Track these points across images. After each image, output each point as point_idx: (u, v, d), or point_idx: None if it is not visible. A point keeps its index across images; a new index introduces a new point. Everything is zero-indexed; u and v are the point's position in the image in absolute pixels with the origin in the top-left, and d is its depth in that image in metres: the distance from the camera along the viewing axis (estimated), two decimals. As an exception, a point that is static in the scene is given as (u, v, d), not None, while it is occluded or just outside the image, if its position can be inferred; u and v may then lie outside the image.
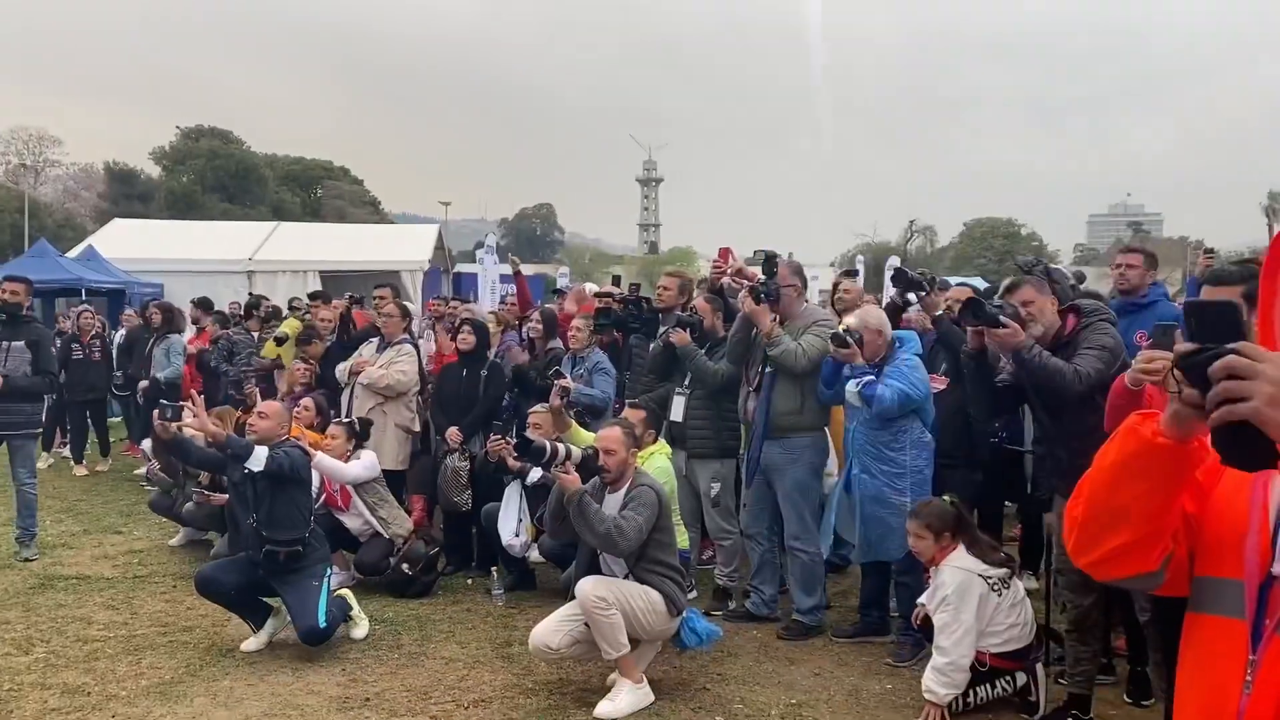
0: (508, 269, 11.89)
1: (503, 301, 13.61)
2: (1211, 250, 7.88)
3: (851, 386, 5.40)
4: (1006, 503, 7.20)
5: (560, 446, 4.79)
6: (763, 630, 5.90)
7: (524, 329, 8.37)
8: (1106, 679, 5.00)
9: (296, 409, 6.95)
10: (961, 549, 4.75)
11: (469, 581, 6.91)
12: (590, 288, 9.36)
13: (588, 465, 4.75)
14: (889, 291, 18.75)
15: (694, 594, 6.47)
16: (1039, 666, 4.72)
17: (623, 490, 4.86)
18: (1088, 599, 4.50)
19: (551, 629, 4.80)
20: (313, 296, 10.03)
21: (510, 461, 6.21)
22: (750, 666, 5.35)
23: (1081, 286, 6.76)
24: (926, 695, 4.57)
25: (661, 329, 6.75)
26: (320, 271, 20.07)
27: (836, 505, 5.66)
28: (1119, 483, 1.54)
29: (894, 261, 28.60)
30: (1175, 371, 1.41)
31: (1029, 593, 5.02)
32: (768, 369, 5.82)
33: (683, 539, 6.11)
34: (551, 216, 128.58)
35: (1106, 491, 1.57)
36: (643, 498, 4.75)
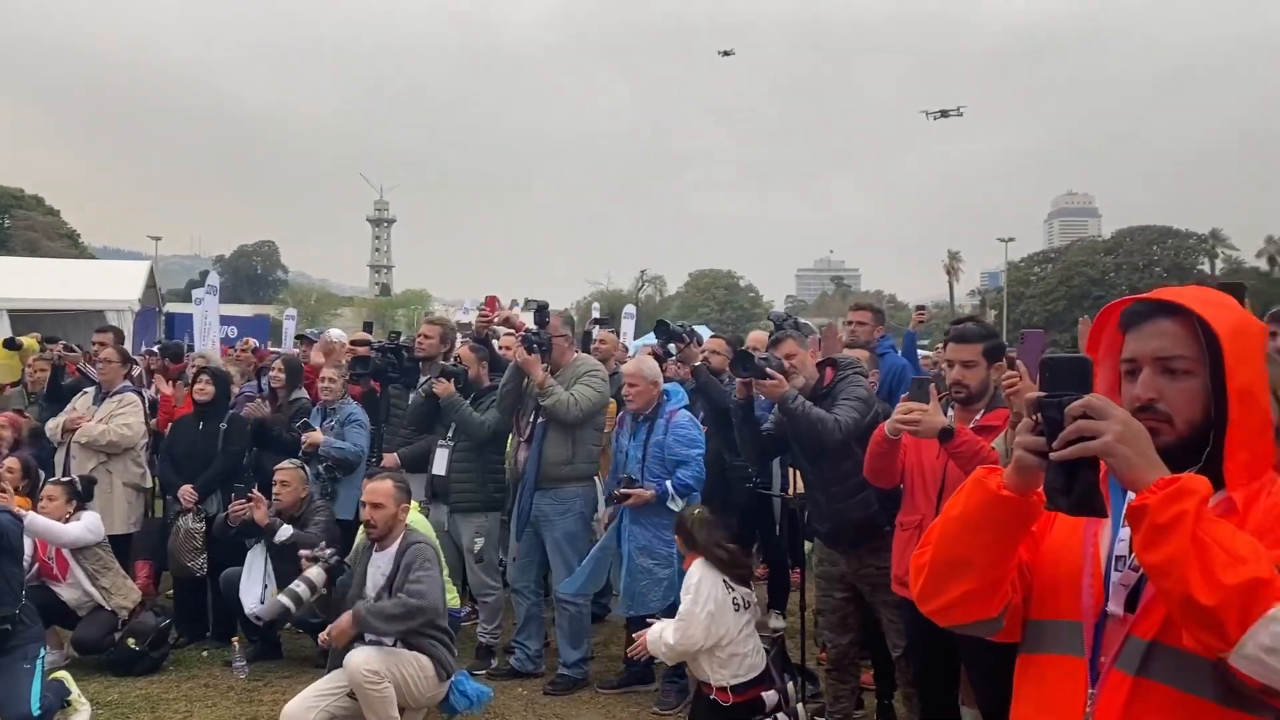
0: (234, 311, 11.09)
1: (232, 347, 12.73)
2: (923, 306, 8.62)
3: (672, 505, 5.36)
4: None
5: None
6: (528, 687, 5.77)
7: (263, 378, 7.83)
8: (857, 712, 5.26)
9: (-2, 471, 6.11)
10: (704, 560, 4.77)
11: (205, 654, 6.32)
12: (336, 334, 8.90)
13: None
14: (628, 339, 19.28)
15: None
16: (800, 707, 4.87)
17: (392, 549, 4.62)
18: (846, 638, 4.72)
19: (306, 705, 4.44)
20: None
21: (259, 516, 5.74)
22: (520, 726, 5.21)
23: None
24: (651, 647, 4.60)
25: (423, 379, 6.53)
26: (9, 310, 17.94)
27: (599, 554, 5.64)
28: (965, 533, 1.65)
29: (630, 310, 29.49)
30: (1034, 415, 1.52)
31: (776, 633, 5.11)
32: (539, 419, 5.76)
33: (453, 597, 5.90)
34: (274, 255, 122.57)
35: (953, 541, 1.67)
36: (423, 555, 4.55)
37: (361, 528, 4.81)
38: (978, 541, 1.63)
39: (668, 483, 5.39)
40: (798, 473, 5.29)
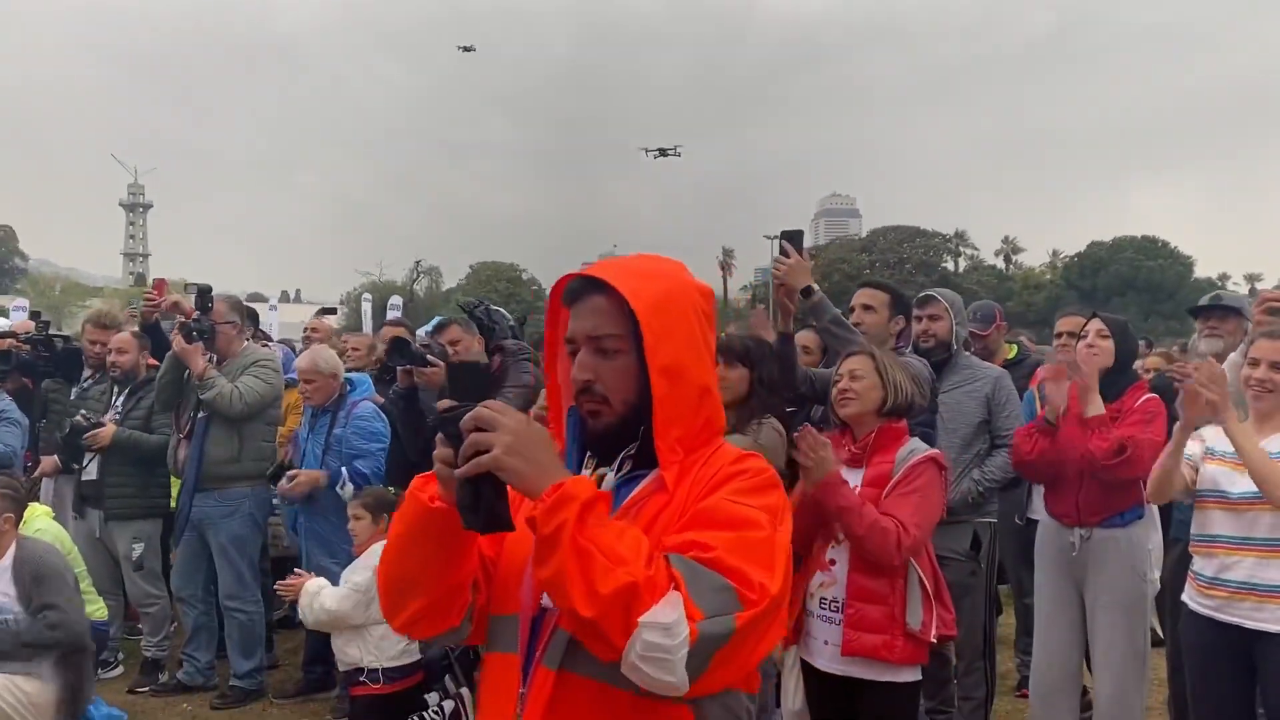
0: None
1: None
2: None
3: (341, 491, 5.04)
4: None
5: None
6: (195, 702, 5.35)
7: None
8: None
9: None
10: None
11: None
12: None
13: None
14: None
15: (120, 670, 5.76)
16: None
17: (4, 562, 4.12)
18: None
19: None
20: None
21: None
22: (172, 747, 4.81)
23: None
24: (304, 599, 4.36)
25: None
26: None
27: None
28: (406, 549, 1.57)
29: (395, 300, 28.71)
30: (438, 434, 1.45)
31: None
32: (200, 414, 5.34)
33: (99, 609, 5.38)
34: (11, 239, 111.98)
35: (397, 557, 1.58)
36: (51, 567, 4.08)
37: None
38: (418, 556, 1.55)
39: (344, 469, 5.10)
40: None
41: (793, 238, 4.02)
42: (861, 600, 3.07)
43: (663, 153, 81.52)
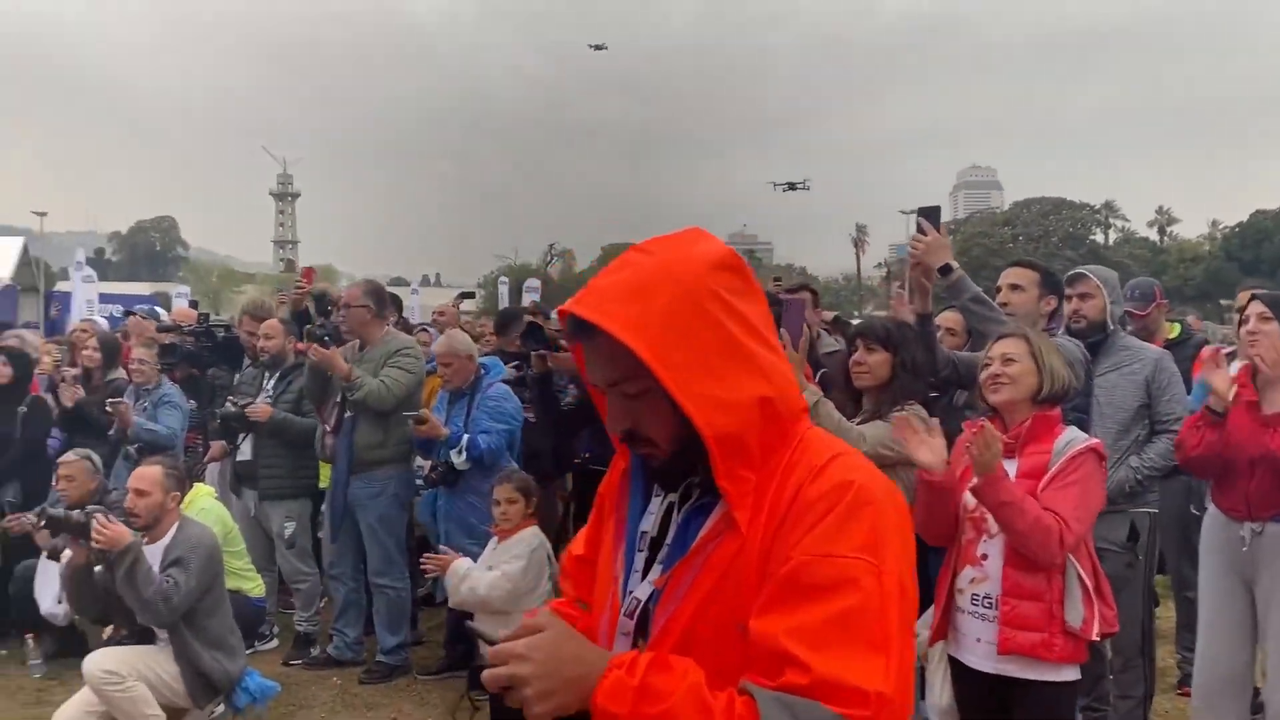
0: (112, 288, 10.47)
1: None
2: (779, 278, 8.59)
3: (456, 458, 5.17)
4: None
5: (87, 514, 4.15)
6: (344, 675, 5.55)
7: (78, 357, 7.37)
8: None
9: None
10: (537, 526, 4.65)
11: (3, 653, 5.95)
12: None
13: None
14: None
15: (274, 643, 6.02)
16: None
17: (162, 542, 4.33)
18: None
19: (80, 710, 4.15)
20: None
21: (41, 539, 5.16)
22: (323, 719, 4.99)
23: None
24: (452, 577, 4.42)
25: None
26: None
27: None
28: None
29: (533, 283, 29.10)
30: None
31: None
32: (347, 414, 5.49)
33: (257, 586, 5.64)
34: (174, 230, 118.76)
35: None
36: (192, 553, 4.24)
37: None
38: None
39: (465, 435, 5.17)
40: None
41: (930, 214, 3.88)
42: (1017, 597, 2.92)
43: (792, 187, 79.97)
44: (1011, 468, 3.03)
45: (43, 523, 4.14)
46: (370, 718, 5.01)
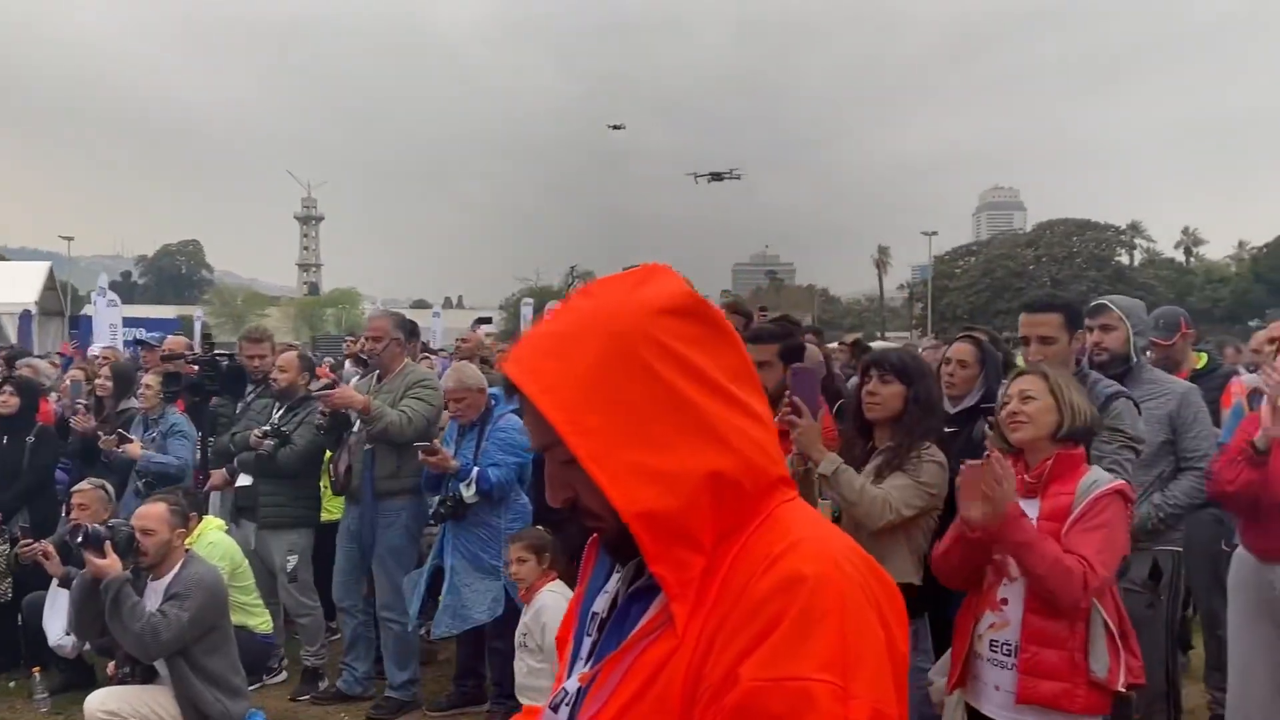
0: (136, 312, 10.57)
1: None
2: (764, 308, 8.44)
3: (465, 490, 5.09)
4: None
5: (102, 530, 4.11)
6: (352, 711, 5.46)
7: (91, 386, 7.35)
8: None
9: None
10: (559, 580, 4.57)
11: (12, 684, 5.89)
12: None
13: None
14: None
15: (283, 675, 5.93)
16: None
17: (166, 579, 4.26)
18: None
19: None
20: None
21: (52, 568, 5.16)
22: (331, 756, 4.91)
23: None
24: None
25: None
26: None
27: (429, 573, 5.34)
28: None
29: (554, 305, 29.09)
30: None
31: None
32: (368, 447, 5.42)
33: (264, 621, 5.56)
34: (199, 254, 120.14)
35: None
36: (192, 590, 4.17)
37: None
38: None
39: (475, 468, 5.09)
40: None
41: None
42: (1038, 644, 2.79)
43: (717, 177, 78.41)
44: (1033, 509, 2.91)
45: (79, 539, 4.07)
46: (377, 756, 4.91)
